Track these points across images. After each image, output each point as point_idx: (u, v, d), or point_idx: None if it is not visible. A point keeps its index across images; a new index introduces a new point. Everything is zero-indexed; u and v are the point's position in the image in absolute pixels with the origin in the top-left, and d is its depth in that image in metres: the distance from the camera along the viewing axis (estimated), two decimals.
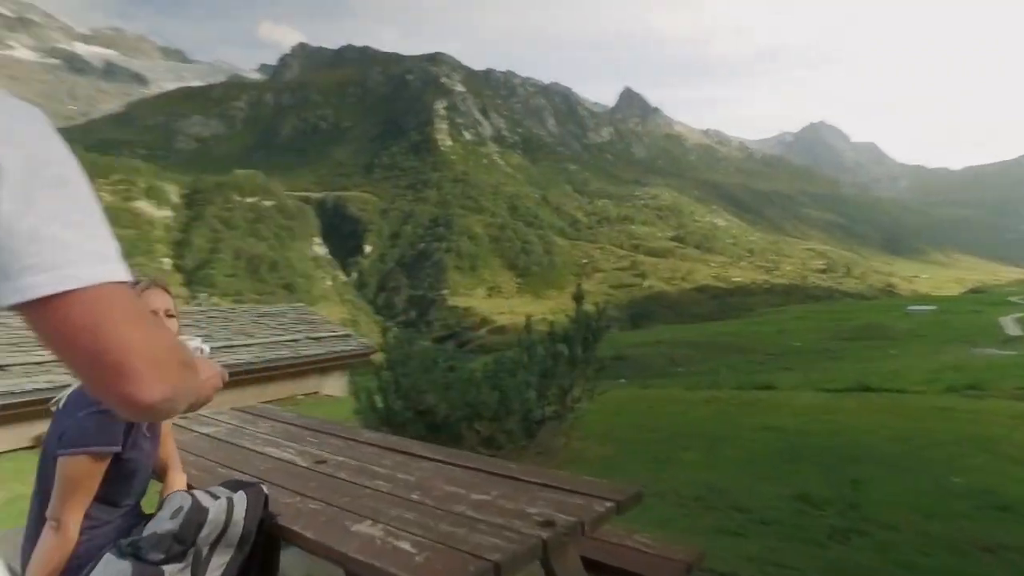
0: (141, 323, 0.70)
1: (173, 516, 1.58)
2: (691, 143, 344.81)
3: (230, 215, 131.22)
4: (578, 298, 6.20)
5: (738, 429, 6.28)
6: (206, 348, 1.76)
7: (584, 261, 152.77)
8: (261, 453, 2.24)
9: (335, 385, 13.20)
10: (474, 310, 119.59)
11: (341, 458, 2.12)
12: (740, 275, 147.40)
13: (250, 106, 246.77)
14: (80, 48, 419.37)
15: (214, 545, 1.58)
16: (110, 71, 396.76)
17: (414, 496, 1.76)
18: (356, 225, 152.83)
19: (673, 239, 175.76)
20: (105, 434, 1.58)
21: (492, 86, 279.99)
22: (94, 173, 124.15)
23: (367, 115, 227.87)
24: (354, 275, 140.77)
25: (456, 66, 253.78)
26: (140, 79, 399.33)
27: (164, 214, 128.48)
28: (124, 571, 1.45)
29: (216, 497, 1.68)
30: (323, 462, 2.09)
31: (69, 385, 1.71)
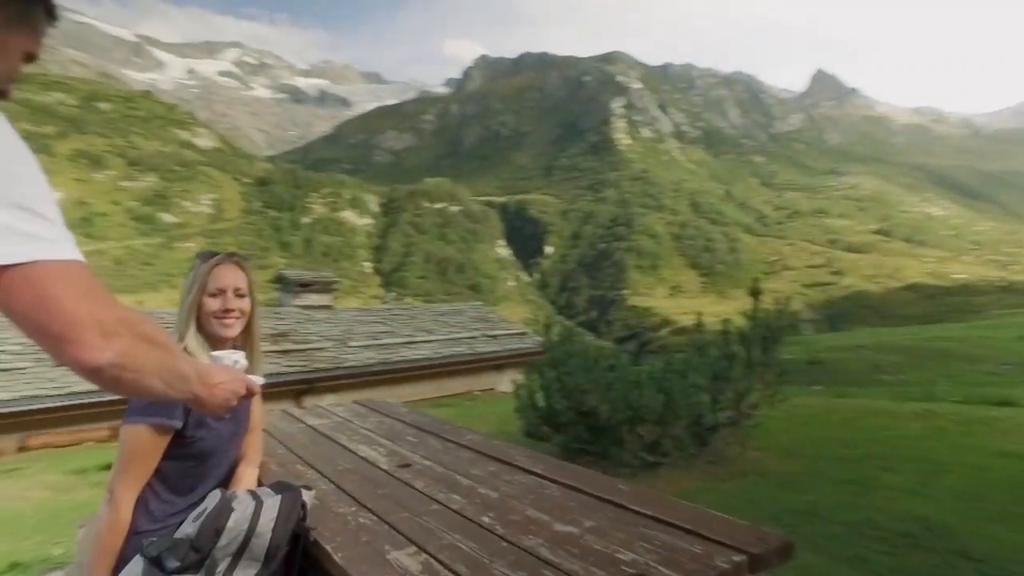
0: (87, 296, 0.80)
1: (196, 518, 1.42)
2: (898, 124, 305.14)
3: (421, 220, 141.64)
4: (755, 293, 5.58)
5: (961, 452, 5.21)
6: (242, 361, 1.70)
7: (773, 259, 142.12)
8: (350, 451, 2.11)
9: (511, 382, 13.51)
10: (655, 310, 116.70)
11: (429, 462, 1.93)
12: (963, 271, 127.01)
13: (437, 118, 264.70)
14: (300, 82, 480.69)
15: (236, 557, 1.35)
16: (322, 98, 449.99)
17: (485, 519, 1.47)
18: (537, 227, 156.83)
19: (876, 232, 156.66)
20: (164, 406, 1.52)
21: (670, 81, 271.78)
22: (309, 188, 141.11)
23: (545, 119, 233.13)
24: (536, 276, 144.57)
25: (632, 63, 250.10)
26: (345, 103, 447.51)
27: (365, 222, 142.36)
28: (135, 574, 1.32)
29: (255, 499, 1.49)
30: (407, 466, 1.90)
31: None
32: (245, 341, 1.94)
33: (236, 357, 1.66)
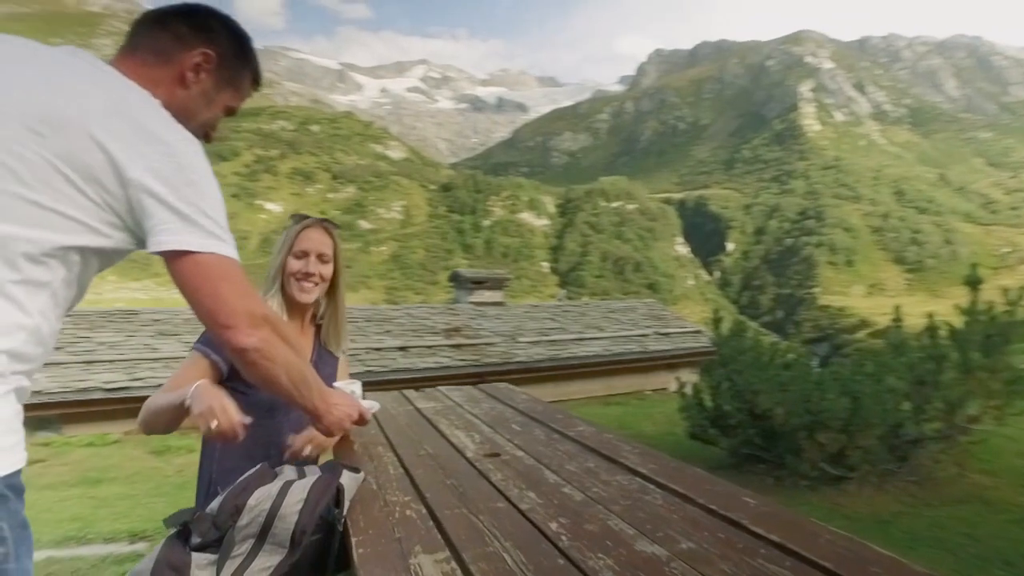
0: (244, 294, 1.04)
1: (228, 491, 1.28)
2: None
3: (597, 220, 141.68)
4: (974, 284, 4.68)
5: None
6: (359, 391, 1.69)
7: (1004, 250, 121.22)
8: (443, 436, 1.92)
9: (677, 380, 12.89)
10: (850, 310, 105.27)
11: (522, 453, 1.67)
12: None
13: (612, 117, 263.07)
14: (479, 91, 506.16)
15: (260, 541, 1.17)
16: (500, 105, 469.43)
17: (553, 526, 1.16)
18: (717, 223, 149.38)
19: None
20: (214, 344, 1.61)
21: (869, 55, 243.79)
22: (489, 192, 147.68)
23: (725, 110, 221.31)
24: (717, 274, 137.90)
25: (822, 41, 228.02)
26: (522, 108, 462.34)
27: (542, 223, 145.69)
28: (158, 547, 1.23)
29: (297, 476, 1.35)
30: (495, 455, 1.66)
31: None
32: (329, 313, 1.90)
33: (354, 387, 1.65)
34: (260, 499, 1.22)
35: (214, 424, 1.28)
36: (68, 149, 0.88)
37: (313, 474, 1.37)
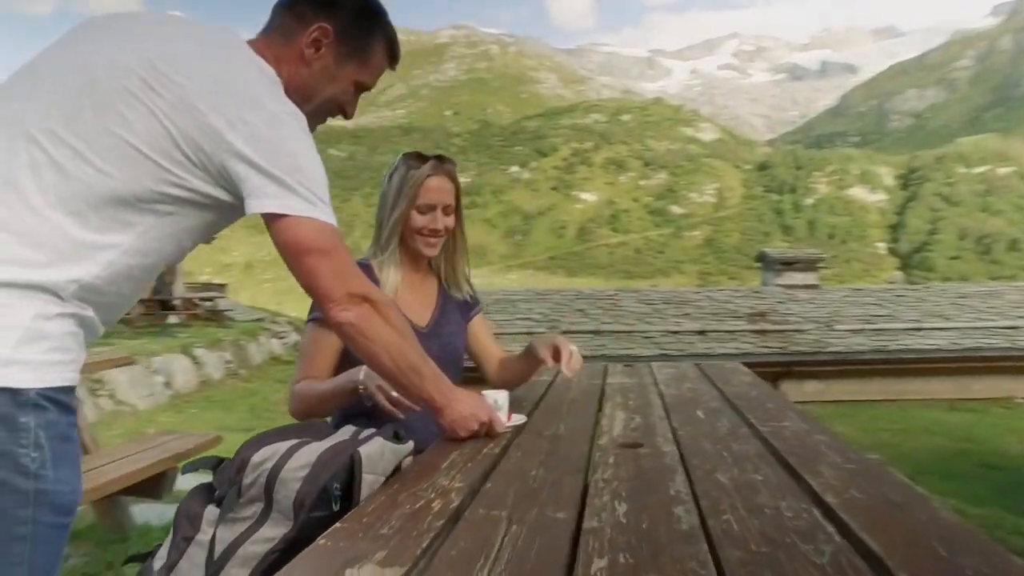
0: (340, 261, 1.02)
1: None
2: None
3: (951, 190, 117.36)
4: None
5: None
6: (502, 401, 1.43)
7: None
8: (593, 417, 1.56)
9: None
10: None
11: (671, 449, 1.23)
12: None
13: (977, 61, 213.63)
14: (798, 57, 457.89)
15: (268, 507, 1.00)
16: (824, 70, 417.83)
17: (601, 564, 0.72)
18: None
19: None
20: None
21: None
22: (811, 168, 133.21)
23: None
24: None
25: None
26: (850, 69, 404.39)
27: (877, 198, 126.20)
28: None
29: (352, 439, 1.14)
30: (634, 446, 1.25)
31: None
32: (446, 256, 1.69)
33: (497, 397, 1.42)
34: (265, 457, 1.04)
35: (399, 415, 1.30)
36: (175, 109, 0.91)
37: (357, 438, 1.14)
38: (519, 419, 1.45)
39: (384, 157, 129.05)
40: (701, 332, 10.43)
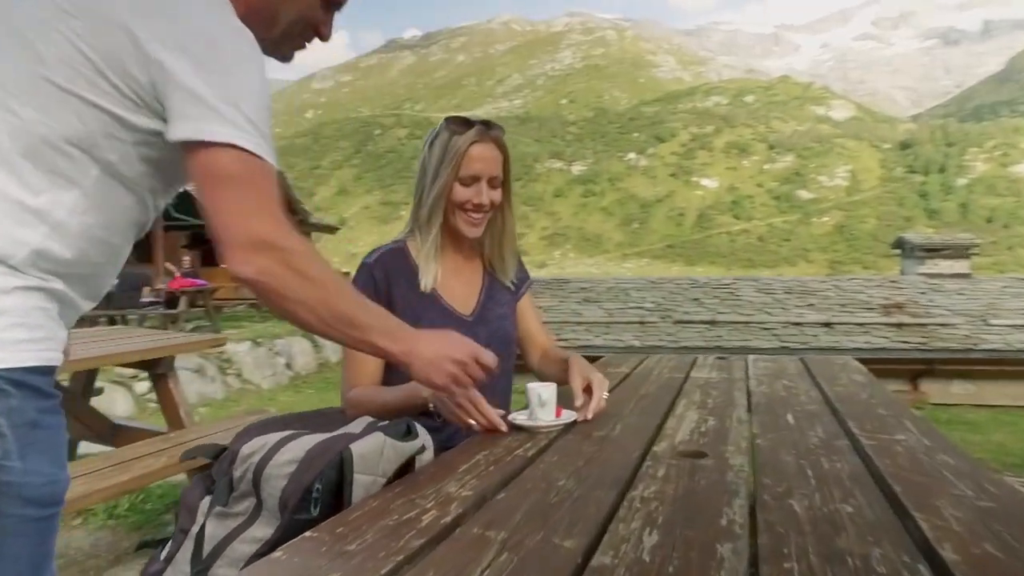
0: (252, 199, 0.83)
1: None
2: None
3: None
4: None
5: None
6: (545, 394, 1.23)
7: None
8: (661, 418, 1.32)
9: None
10: None
11: (741, 461, 0.99)
12: None
13: None
14: (952, 19, 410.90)
15: (259, 504, 0.91)
16: (986, 31, 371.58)
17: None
18: None
19: None
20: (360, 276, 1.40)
21: None
22: (966, 144, 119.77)
23: None
24: None
25: None
26: (1020, 26, 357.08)
27: None
28: None
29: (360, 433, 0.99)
30: (697, 455, 1.01)
31: None
32: (490, 235, 1.49)
33: (541, 391, 1.23)
34: (253, 449, 0.94)
35: (473, 425, 1.16)
36: (92, 29, 0.79)
37: (374, 431, 1.00)
38: (568, 416, 1.25)
39: None
40: (827, 324, 9.55)
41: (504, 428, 1.18)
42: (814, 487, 0.85)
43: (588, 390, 1.31)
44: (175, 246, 18.65)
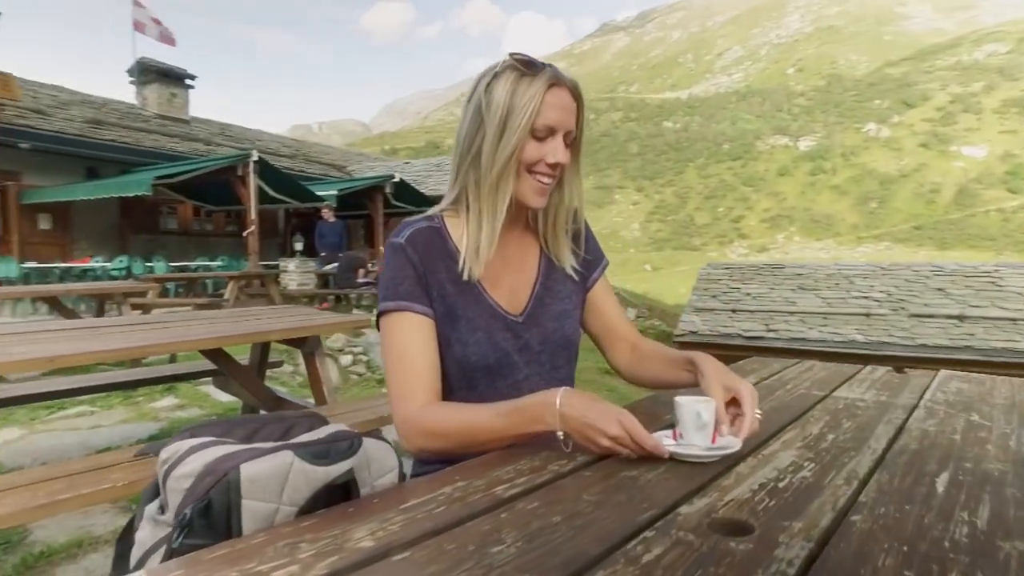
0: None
1: None
2: None
3: None
4: None
5: None
6: (705, 414, 0.91)
7: None
8: (752, 449, 0.96)
9: None
10: None
11: (793, 555, 0.60)
12: None
13: None
14: None
15: (162, 508, 0.77)
16: None
17: None
18: None
19: None
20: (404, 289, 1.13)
21: None
22: None
23: None
24: None
25: None
26: None
27: None
28: None
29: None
30: (736, 533, 0.66)
31: None
32: (546, 221, 1.21)
33: (699, 407, 0.93)
34: (168, 455, 0.80)
35: (625, 452, 0.91)
36: None
37: (334, 438, 0.84)
38: (730, 444, 0.93)
39: (720, 126, 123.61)
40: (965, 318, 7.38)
41: (667, 454, 0.90)
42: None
43: (734, 403, 0.98)
44: None
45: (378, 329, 1.14)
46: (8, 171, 11.51)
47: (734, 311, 12.57)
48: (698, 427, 0.91)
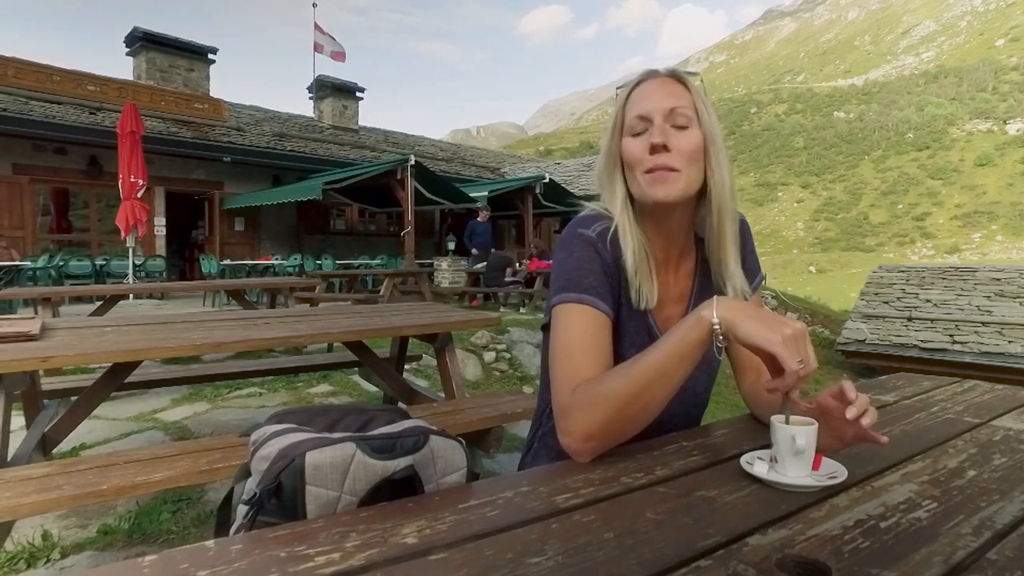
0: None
1: None
2: None
3: None
4: None
5: None
6: (804, 442, 0.80)
7: None
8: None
9: None
10: None
11: None
12: None
13: None
14: None
15: (264, 494, 0.76)
16: None
17: None
18: None
19: None
20: (587, 283, 1.04)
21: None
22: None
23: None
24: None
25: None
26: None
27: None
28: None
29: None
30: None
31: None
32: (709, 225, 1.06)
33: (796, 433, 0.80)
34: (255, 437, 0.85)
35: (797, 368, 0.79)
36: None
37: (418, 432, 0.85)
38: (834, 471, 0.83)
39: (904, 112, 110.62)
40: None
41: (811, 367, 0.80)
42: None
43: (840, 397, 0.84)
44: (550, 231, 20.88)
45: (546, 322, 1.06)
46: (214, 181, 13.42)
47: (910, 319, 11.21)
48: (794, 453, 0.81)
